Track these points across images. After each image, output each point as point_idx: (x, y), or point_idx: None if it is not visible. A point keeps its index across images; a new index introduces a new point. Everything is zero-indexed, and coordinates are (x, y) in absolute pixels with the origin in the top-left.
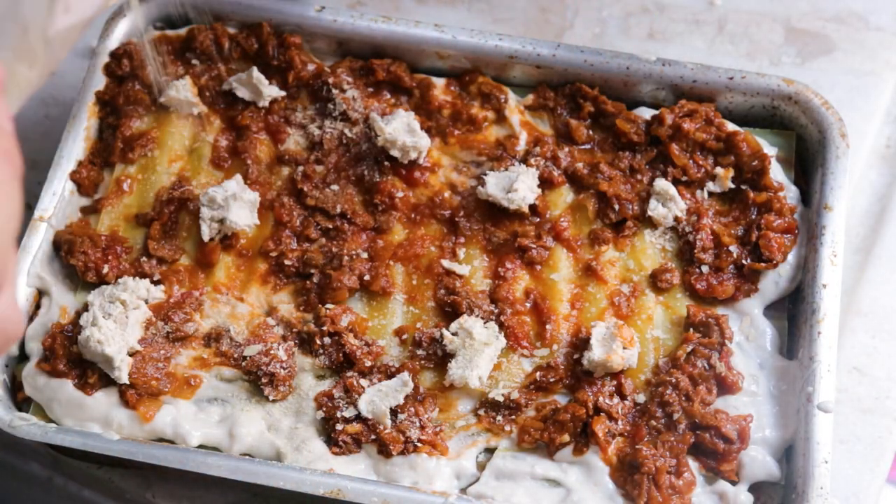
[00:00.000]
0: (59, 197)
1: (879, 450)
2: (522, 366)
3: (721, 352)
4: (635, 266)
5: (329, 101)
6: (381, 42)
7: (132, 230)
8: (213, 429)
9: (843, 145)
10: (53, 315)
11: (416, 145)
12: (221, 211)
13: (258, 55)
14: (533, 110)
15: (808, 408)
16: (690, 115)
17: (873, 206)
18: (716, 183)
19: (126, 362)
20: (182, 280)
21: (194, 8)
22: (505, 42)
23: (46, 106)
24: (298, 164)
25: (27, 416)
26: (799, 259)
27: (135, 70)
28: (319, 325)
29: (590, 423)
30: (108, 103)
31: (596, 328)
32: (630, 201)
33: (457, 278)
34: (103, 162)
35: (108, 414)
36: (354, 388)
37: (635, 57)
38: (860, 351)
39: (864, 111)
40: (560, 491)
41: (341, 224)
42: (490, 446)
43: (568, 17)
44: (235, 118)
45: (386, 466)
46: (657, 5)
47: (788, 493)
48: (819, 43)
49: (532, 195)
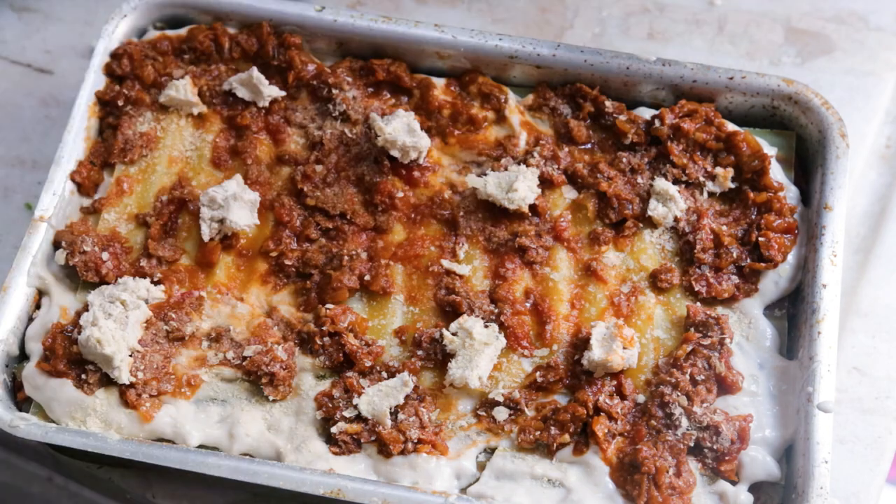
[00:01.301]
0: (59, 197)
1: (879, 450)
2: (522, 366)
3: (721, 352)
4: (635, 266)
5: (329, 101)
6: (381, 42)
7: (132, 230)
8: (213, 429)
9: (843, 145)
10: (53, 315)
11: (416, 145)
12: (221, 211)
13: (258, 55)
14: (533, 110)
15: (808, 408)
16: (690, 115)
17: (873, 206)
18: (716, 183)
19: (126, 362)
20: (182, 280)
21: (194, 8)
22: (505, 42)
23: (46, 106)
24: (298, 164)
25: (27, 416)
26: (799, 259)
27: (135, 70)
28: (319, 325)
29: (590, 423)
30: (108, 103)
31: (596, 328)
32: (630, 201)
33: (457, 278)
34: (103, 162)
35: (108, 414)
36: (354, 388)
37: (635, 57)
38: (860, 351)
39: (864, 111)
40: (560, 491)
41: (341, 224)
42: (490, 446)
43: (568, 17)
44: (235, 118)
45: (386, 466)
46: (657, 5)
47: (788, 493)
48: (819, 43)
49: (532, 195)
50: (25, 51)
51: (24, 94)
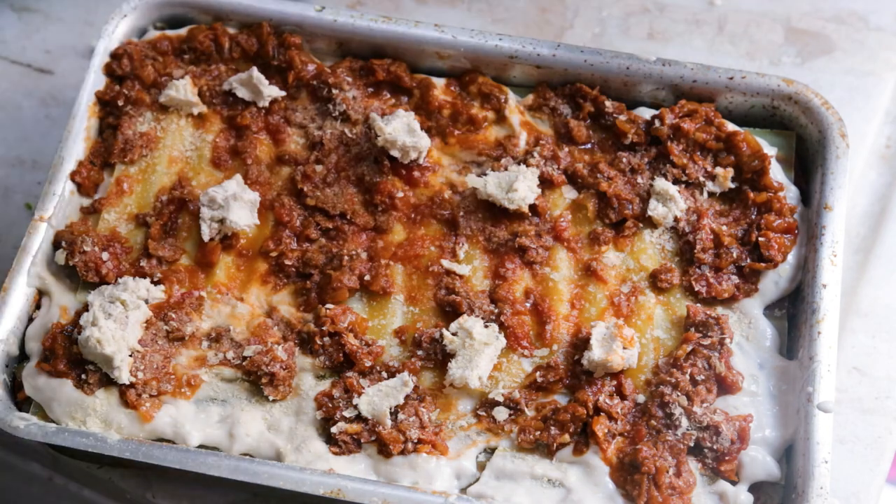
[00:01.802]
0: (59, 197)
1: (879, 450)
2: (522, 366)
3: (721, 352)
4: (635, 266)
5: (329, 101)
6: (381, 42)
7: (132, 230)
8: (213, 429)
9: (843, 145)
10: (53, 315)
11: (416, 145)
12: (221, 211)
13: (258, 55)
14: (533, 110)
15: (808, 408)
16: (690, 115)
17: (873, 206)
18: (716, 183)
19: (126, 362)
20: (182, 280)
21: (194, 8)
22: (505, 42)
23: (46, 106)
24: (298, 164)
25: (27, 416)
26: (799, 259)
27: (135, 70)
28: (319, 325)
29: (590, 423)
30: (108, 103)
31: (596, 328)
32: (630, 201)
33: (457, 278)
34: (103, 162)
35: (108, 414)
36: (354, 388)
37: (635, 57)
38: (860, 351)
39: (864, 111)
40: (560, 491)
41: (341, 224)
42: (490, 446)
43: (568, 17)
44: (235, 118)
45: (386, 466)
46: (657, 5)
47: (788, 493)
48: (819, 43)
49: (532, 195)
50: (25, 51)
51: (24, 94)
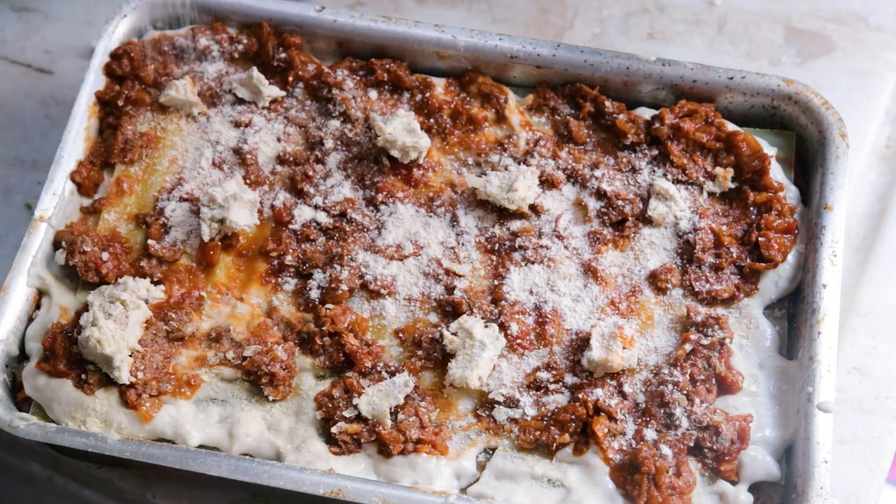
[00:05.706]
0: (59, 197)
1: (879, 450)
2: (522, 366)
3: (721, 352)
4: (635, 266)
5: (329, 101)
6: (381, 42)
7: (132, 230)
8: (213, 429)
9: (843, 145)
10: (53, 315)
11: (416, 145)
12: (221, 211)
13: (258, 55)
14: (533, 110)
15: (808, 408)
16: (690, 115)
17: (873, 206)
18: (716, 183)
19: (126, 362)
20: (182, 280)
21: (194, 8)
22: (505, 42)
23: (46, 106)
24: (298, 164)
25: (27, 416)
26: (799, 259)
27: (135, 70)
28: (319, 325)
29: (590, 423)
30: (108, 103)
31: (596, 328)
32: (630, 201)
33: (457, 278)
34: (103, 162)
35: (108, 414)
36: (354, 388)
37: (635, 57)
38: (860, 351)
39: (864, 111)
40: (560, 491)
41: (341, 224)
42: (490, 446)
43: (568, 17)
44: (235, 118)
45: (386, 466)
46: (657, 5)
47: (788, 493)
48: (819, 43)
49: (532, 195)
50: (25, 51)
51: (24, 94)
